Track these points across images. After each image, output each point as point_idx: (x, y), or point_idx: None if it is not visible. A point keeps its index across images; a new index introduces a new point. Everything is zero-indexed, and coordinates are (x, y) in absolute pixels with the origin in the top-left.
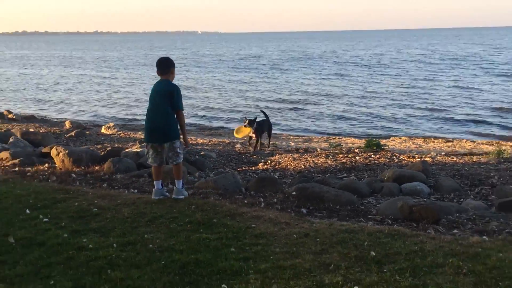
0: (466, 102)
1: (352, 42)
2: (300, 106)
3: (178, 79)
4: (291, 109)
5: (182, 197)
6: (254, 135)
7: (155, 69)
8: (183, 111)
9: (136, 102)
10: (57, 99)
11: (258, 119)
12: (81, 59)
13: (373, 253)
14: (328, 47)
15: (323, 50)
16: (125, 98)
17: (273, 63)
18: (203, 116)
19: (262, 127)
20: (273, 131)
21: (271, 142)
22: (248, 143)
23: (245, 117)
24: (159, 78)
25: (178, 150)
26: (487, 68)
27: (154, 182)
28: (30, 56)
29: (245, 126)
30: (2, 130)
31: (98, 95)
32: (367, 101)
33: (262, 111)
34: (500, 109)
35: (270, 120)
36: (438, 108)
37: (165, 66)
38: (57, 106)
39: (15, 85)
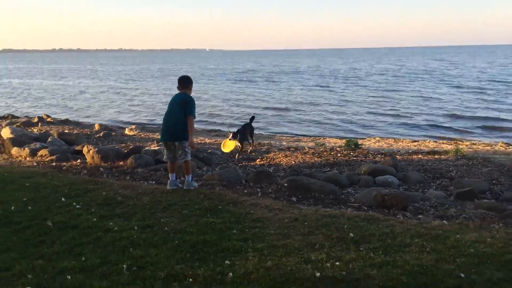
0: (427, 109)
1: (334, 58)
2: (290, 112)
3: None
4: (282, 113)
5: (192, 188)
6: (239, 144)
7: (168, 81)
8: (194, 119)
9: (152, 108)
10: (86, 105)
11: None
12: (106, 72)
13: (351, 234)
14: (313, 62)
15: (308, 65)
16: (141, 105)
17: (267, 76)
18: (209, 120)
19: (245, 133)
20: (268, 132)
21: (268, 142)
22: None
23: (229, 130)
24: (176, 91)
25: (186, 150)
26: (444, 80)
27: (169, 175)
28: (62, 69)
29: (230, 139)
30: (42, 131)
31: (121, 102)
32: (345, 108)
33: (253, 117)
34: (454, 115)
35: (254, 124)
36: (405, 114)
37: (185, 82)
38: (87, 111)
39: (51, 93)
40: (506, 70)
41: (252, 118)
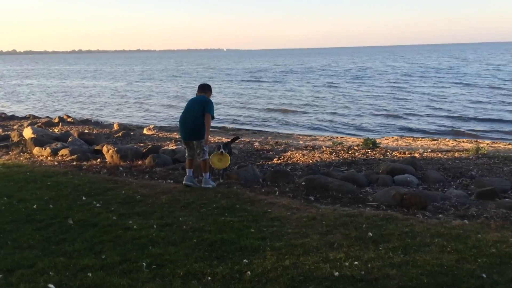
0: (445, 107)
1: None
2: (308, 110)
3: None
4: (300, 112)
5: (210, 186)
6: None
7: (183, 81)
8: (212, 119)
9: (169, 108)
10: (105, 105)
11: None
12: (125, 73)
13: (370, 234)
14: (325, 61)
15: (321, 63)
16: (156, 105)
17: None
18: (226, 119)
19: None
20: (285, 131)
21: (285, 141)
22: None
23: (219, 145)
24: (192, 95)
25: (205, 148)
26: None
27: (186, 170)
28: (85, 69)
29: (222, 153)
30: (63, 131)
31: (138, 102)
32: (362, 107)
33: (237, 137)
34: (474, 113)
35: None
36: (422, 113)
37: (204, 89)
38: (106, 110)
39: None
40: None
41: (236, 138)
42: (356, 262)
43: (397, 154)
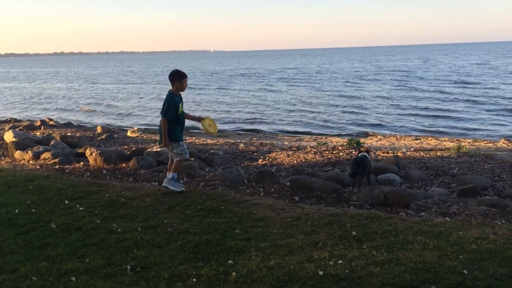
0: (429, 106)
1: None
2: (291, 111)
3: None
4: (284, 113)
5: (171, 188)
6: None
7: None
8: (166, 120)
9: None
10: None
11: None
12: (109, 75)
13: (354, 232)
14: (299, 63)
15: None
16: (139, 107)
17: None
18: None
19: None
20: (270, 132)
21: (270, 142)
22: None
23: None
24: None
25: (175, 150)
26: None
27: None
28: (64, 72)
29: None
30: (45, 135)
31: (122, 104)
32: (347, 107)
33: None
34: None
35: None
36: (407, 112)
37: (170, 79)
38: (89, 113)
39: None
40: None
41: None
42: (340, 261)
43: (381, 154)
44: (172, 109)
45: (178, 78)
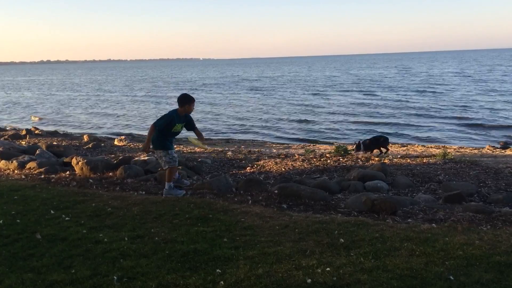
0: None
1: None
2: (280, 120)
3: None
4: (272, 121)
5: (170, 195)
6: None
7: (153, 91)
8: (155, 128)
9: (141, 118)
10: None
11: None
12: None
13: (342, 240)
14: (276, 71)
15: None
16: (130, 115)
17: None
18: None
19: None
20: (258, 140)
21: (258, 150)
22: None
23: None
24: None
25: (164, 158)
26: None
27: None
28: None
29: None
30: (30, 144)
31: (110, 113)
32: (334, 115)
33: None
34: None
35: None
36: (392, 119)
37: (178, 101)
38: (74, 122)
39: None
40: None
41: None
42: (328, 269)
43: (368, 161)
44: (165, 122)
45: (187, 101)
